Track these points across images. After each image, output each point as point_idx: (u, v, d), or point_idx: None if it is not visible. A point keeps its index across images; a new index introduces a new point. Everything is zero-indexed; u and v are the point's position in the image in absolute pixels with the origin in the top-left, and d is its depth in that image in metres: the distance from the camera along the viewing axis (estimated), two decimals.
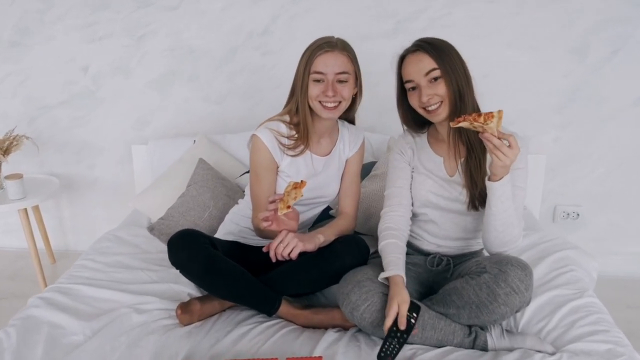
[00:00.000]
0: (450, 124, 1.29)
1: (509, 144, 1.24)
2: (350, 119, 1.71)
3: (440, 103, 1.39)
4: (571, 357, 1.28)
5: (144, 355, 1.32)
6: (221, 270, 1.45)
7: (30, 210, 2.55)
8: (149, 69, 2.47)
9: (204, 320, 1.51)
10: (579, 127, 2.33)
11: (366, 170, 2.10)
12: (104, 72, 2.50)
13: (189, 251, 1.44)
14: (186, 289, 1.64)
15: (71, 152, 2.65)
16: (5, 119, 2.60)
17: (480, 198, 1.43)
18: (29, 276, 2.55)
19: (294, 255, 1.42)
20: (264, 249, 1.46)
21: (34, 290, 2.33)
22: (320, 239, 1.50)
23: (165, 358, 1.32)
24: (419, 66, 1.39)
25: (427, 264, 1.56)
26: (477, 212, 1.46)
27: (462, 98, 1.38)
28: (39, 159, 2.67)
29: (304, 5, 2.30)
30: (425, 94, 1.38)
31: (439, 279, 1.53)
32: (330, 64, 1.47)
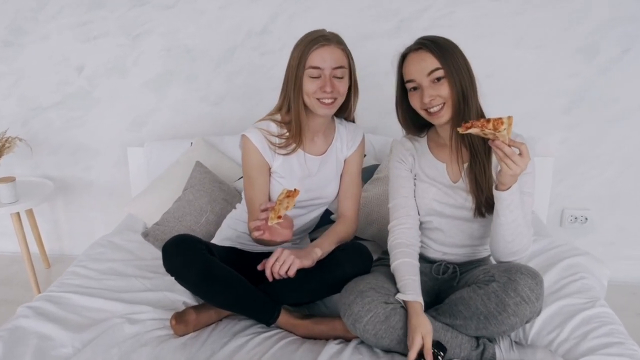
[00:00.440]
0: (458, 129, 1.22)
1: (520, 152, 1.18)
2: (350, 119, 1.63)
3: (443, 105, 1.33)
4: None
5: None
6: (218, 277, 1.40)
7: (24, 213, 2.49)
8: (145, 69, 2.42)
9: (200, 330, 1.46)
10: (587, 129, 2.27)
11: (368, 173, 2.05)
12: (99, 72, 2.45)
13: (184, 257, 1.38)
14: (181, 297, 1.59)
15: (66, 154, 2.60)
16: None
17: (487, 204, 1.37)
18: (22, 281, 2.50)
19: (291, 273, 1.37)
20: (259, 267, 1.41)
21: (27, 296, 2.29)
22: (317, 253, 1.44)
23: None
24: (422, 65, 1.32)
25: (433, 272, 1.50)
26: (484, 219, 1.40)
27: (466, 100, 1.32)
28: (32, 161, 2.62)
29: (304, 4, 2.25)
30: (428, 95, 1.32)
31: (445, 287, 1.48)
32: (327, 58, 1.41)
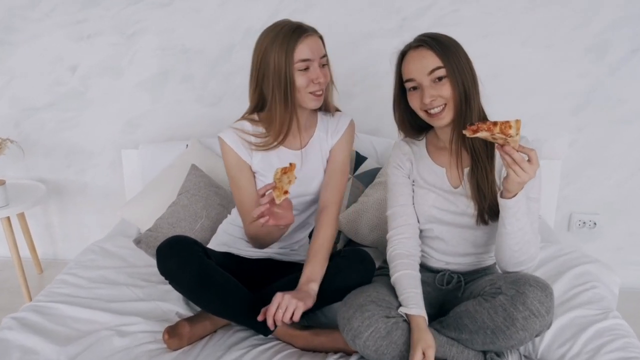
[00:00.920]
0: (464, 132, 1.14)
1: (529, 159, 1.11)
2: (329, 109, 1.54)
3: (444, 106, 1.26)
4: None
5: None
6: (214, 281, 1.34)
7: (15, 217, 2.43)
8: (140, 69, 2.36)
9: (194, 343, 1.40)
10: (596, 131, 2.20)
11: (370, 177, 1.98)
12: (93, 72, 2.38)
13: (179, 259, 1.32)
14: (174, 307, 1.53)
15: (59, 157, 2.53)
16: None
17: (490, 211, 1.30)
18: (13, 287, 2.43)
19: (296, 318, 1.26)
20: (259, 318, 1.29)
21: (17, 303, 2.22)
22: (314, 288, 1.34)
23: None
24: (422, 63, 1.25)
25: (436, 282, 1.43)
26: (488, 226, 1.33)
27: (468, 101, 1.25)
28: (24, 164, 2.55)
29: (304, 1, 2.18)
30: (428, 95, 1.25)
31: (450, 298, 1.41)
32: (314, 48, 1.36)
